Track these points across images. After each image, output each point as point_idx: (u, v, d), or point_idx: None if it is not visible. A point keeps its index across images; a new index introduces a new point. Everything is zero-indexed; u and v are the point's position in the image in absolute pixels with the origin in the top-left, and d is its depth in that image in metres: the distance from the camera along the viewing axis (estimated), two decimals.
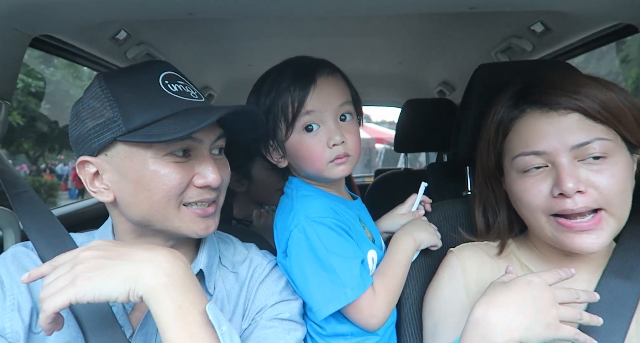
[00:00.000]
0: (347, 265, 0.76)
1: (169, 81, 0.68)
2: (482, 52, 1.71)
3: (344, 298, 0.75)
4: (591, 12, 1.02)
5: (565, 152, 0.66)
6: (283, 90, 0.79)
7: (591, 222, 0.65)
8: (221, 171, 0.70)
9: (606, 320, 0.67)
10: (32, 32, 0.95)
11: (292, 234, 0.79)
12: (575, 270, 0.73)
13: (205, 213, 0.68)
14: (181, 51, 1.77)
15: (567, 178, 0.64)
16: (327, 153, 0.79)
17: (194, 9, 0.94)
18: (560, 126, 0.67)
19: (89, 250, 0.58)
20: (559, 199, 0.65)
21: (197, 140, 0.67)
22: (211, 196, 0.69)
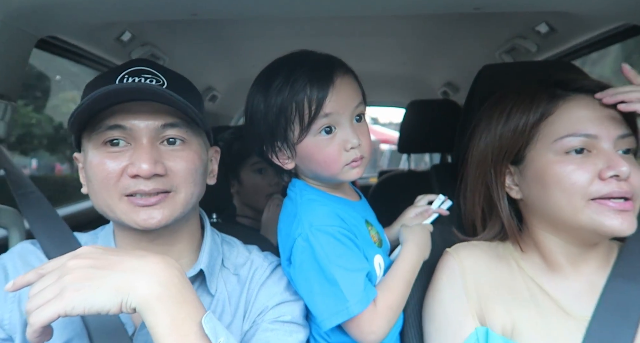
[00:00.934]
0: (351, 278, 0.74)
1: (130, 75, 0.68)
2: (487, 53, 1.71)
3: (346, 313, 0.72)
4: (596, 13, 1.01)
5: (612, 139, 0.68)
6: (299, 90, 0.74)
7: (628, 205, 0.66)
8: (172, 162, 0.66)
9: (614, 323, 0.66)
10: (38, 34, 0.96)
11: (296, 242, 0.76)
12: (577, 271, 0.74)
13: (146, 203, 0.65)
14: (185, 52, 1.78)
15: (621, 161, 0.66)
16: (343, 157, 0.76)
17: (198, 9, 0.94)
18: (609, 113, 0.70)
19: (77, 259, 0.55)
20: (606, 182, 0.66)
21: (128, 128, 0.65)
22: (147, 187, 0.64)
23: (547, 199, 0.71)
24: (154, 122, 0.66)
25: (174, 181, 0.67)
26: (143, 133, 0.66)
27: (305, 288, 0.76)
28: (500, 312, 0.72)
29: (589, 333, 0.67)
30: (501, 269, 0.77)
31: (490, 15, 1.33)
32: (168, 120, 0.67)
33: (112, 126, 0.65)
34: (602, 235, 0.69)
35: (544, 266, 0.76)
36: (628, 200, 0.67)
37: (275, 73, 0.78)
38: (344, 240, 0.76)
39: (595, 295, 0.71)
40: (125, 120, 0.65)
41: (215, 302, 0.72)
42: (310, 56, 0.79)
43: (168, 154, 0.67)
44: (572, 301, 0.71)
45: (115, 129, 0.65)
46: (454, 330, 0.73)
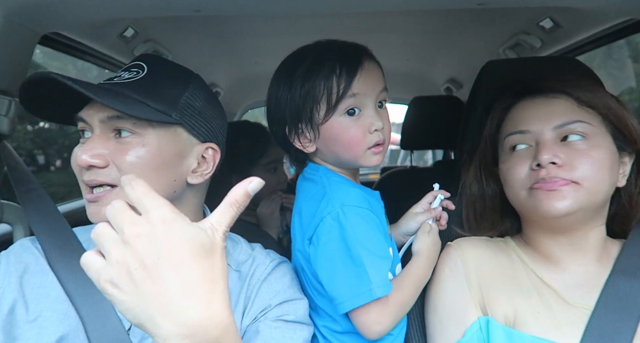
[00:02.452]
0: (377, 263, 0.74)
1: (125, 69, 0.70)
2: (490, 48, 1.70)
3: (369, 295, 0.71)
4: (601, 8, 1.00)
5: (549, 131, 0.72)
6: (329, 72, 0.75)
7: (558, 184, 0.69)
8: (115, 154, 0.65)
9: (615, 319, 0.67)
10: (41, 30, 0.96)
11: (324, 221, 0.75)
12: (574, 263, 0.75)
13: (90, 198, 0.66)
14: (188, 48, 1.78)
15: (543, 150, 0.70)
16: (367, 138, 0.77)
17: (201, 6, 0.94)
18: (547, 109, 0.74)
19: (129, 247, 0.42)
20: (535, 171, 0.71)
21: (86, 120, 0.67)
22: (87, 178, 0.65)
23: (508, 194, 0.78)
24: (103, 114, 0.66)
25: (112, 174, 0.65)
26: (95, 124, 0.67)
27: (327, 268, 0.75)
28: (502, 302, 0.73)
29: (591, 323, 0.67)
30: (502, 260, 0.78)
31: (493, 11, 1.33)
32: (111, 112, 0.66)
33: (78, 118, 0.68)
34: (547, 218, 0.71)
35: (542, 258, 0.77)
36: (556, 182, 0.69)
37: (302, 58, 0.79)
38: (373, 225, 0.77)
39: (596, 287, 0.71)
40: (84, 111, 0.68)
41: None
42: (337, 42, 0.82)
43: (114, 146, 0.66)
44: (572, 291, 0.72)
45: (80, 121, 0.68)
46: (456, 320, 0.74)
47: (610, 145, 0.72)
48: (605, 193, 0.71)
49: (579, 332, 0.67)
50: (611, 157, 0.72)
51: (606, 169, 0.70)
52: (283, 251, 0.86)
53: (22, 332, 0.65)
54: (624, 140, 0.73)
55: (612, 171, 0.71)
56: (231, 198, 0.47)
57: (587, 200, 0.69)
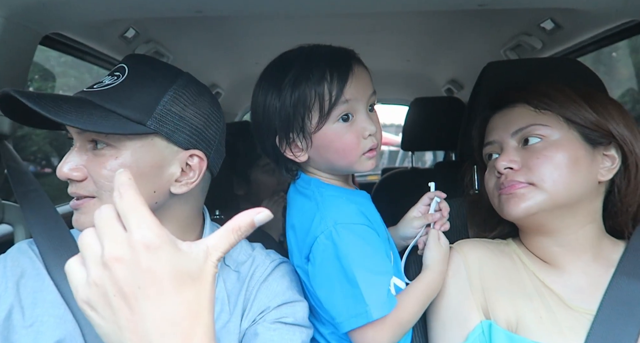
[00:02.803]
0: (374, 281, 0.72)
1: (109, 73, 0.69)
2: (491, 50, 1.70)
3: (365, 316, 0.70)
4: (602, 10, 1.00)
5: (508, 138, 0.76)
6: (319, 78, 0.73)
7: (515, 188, 0.72)
8: (90, 166, 0.65)
9: (618, 323, 0.66)
10: (42, 30, 0.96)
11: (317, 240, 0.73)
12: (574, 265, 0.74)
13: (74, 206, 0.67)
14: (189, 49, 1.78)
15: (501, 158, 0.75)
16: (362, 144, 0.75)
17: (202, 7, 0.94)
18: (506, 118, 0.78)
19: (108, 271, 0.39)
20: (498, 178, 0.76)
21: (70, 132, 0.67)
22: (70, 190, 0.66)
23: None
24: (71, 129, 0.66)
25: (90, 186, 0.65)
26: (75, 137, 0.67)
27: (325, 287, 0.74)
28: (504, 305, 0.72)
29: (593, 328, 0.67)
30: (505, 263, 0.77)
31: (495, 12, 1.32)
32: (73, 128, 0.66)
33: (66, 130, 0.67)
34: (513, 220, 0.76)
35: (542, 261, 0.77)
36: (512, 186, 0.72)
37: (289, 65, 0.76)
38: (370, 239, 0.75)
39: (597, 290, 0.71)
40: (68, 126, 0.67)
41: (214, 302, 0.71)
42: (323, 47, 0.79)
43: (90, 159, 0.66)
44: (574, 295, 0.72)
45: (68, 133, 0.68)
46: (459, 323, 0.74)
47: (576, 143, 0.72)
48: (572, 191, 0.71)
49: (581, 337, 0.67)
50: (575, 155, 0.71)
51: (566, 167, 0.70)
52: (284, 253, 0.85)
53: (19, 337, 0.64)
54: (595, 134, 0.73)
55: (577, 168, 0.71)
56: (235, 225, 0.43)
57: (548, 200, 0.70)
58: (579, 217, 0.74)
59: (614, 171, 0.74)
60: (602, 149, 0.74)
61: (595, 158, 0.73)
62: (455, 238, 0.85)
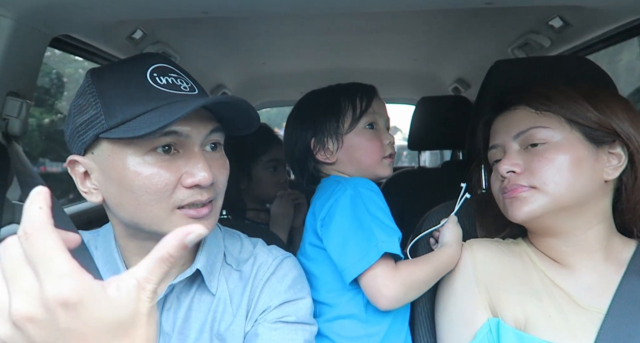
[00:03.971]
0: (386, 229, 0.80)
1: (159, 74, 0.63)
2: (499, 48, 1.69)
3: (376, 252, 0.75)
4: (612, 7, 0.99)
5: (510, 141, 0.77)
6: (351, 94, 0.93)
7: (517, 192, 0.73)
8: (216, 169, 0.64)
9: (628, 322, 0.65)
10: (52, 32, 0.97)
11: (337, 200, 0.84)
12: (583, 265, 0.74)
13: (199, 214, 0.62)
14: (196, 50, 1.79)
15: (503, 162, 0.75)
16: (384, 148, 0.93)
17: (209, 7, 0.95)
18: (507, 121, 0.79)
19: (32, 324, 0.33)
20: (501, 181, 0.76)
21: (183, 135, 0.61)
22: (203, 198, 0.62)
23: None
24: (204, 128, 0.63)
25: (217, 188, 0.65)
26: (195, 139, 0.62)
27: (338, 241, 0.81)
28: (512, 304, 0.72)
29: (604, 327, 0.66)
30: (514, 262, 0.77)
31: (502, 10, 1.31)
32: (215, 124, 0.64)
33: (169, 131, 0.59)
34: (519, 223, 0.76)
35: (552, 260, 0.77)
36: (514, 190, 0.73)
37: (319, 93, 0.99)
38: (385, 205, 0.85)
39: (608, 289, 0.70)
40: (181, 125, 0.60)
41: (217, 302, 0.70)
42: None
43: (213, 162, 0.64)
44: (584, 294, 0.71)
45: (170, 135, 0.60)
46: (466, 321, 0.74)
47: (578, 144, 0.72)
48: (577, 192, 0.70)
49: (591, 335, 0.66)
50: (577, 156, 0.71)
51: (568, 169, 0.70)
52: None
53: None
54: (599, 133, 0.72)
55: (580, 169, 0.70)
56: (164, 253, 0.38)
57: (551, 203, 0.70)
58: (587, 217, 0.73)
59: (620, 169, 0.73)
60: (607, 148, 0.73)
61: (600, 157, 0.72)
62: (464, 237, 0.85)
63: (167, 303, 0.69)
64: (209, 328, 0.69)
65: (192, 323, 0.69)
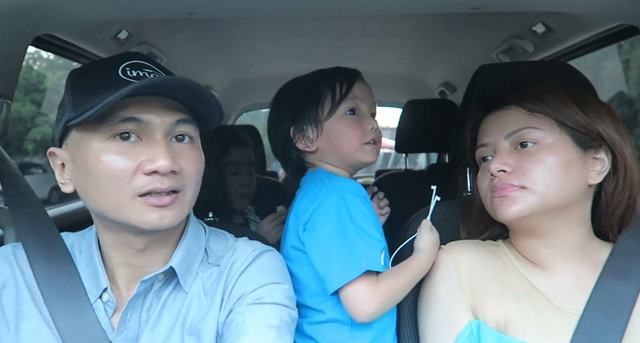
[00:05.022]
0: (369, 242, 0.79)
1: (132, 68, 0.64)
2: (484, 52, 1.71)
3: (358, 267, 0.75)
4: (593, 13, 1.01)
5: (502, 140, 0.76)
6: (331, 79, 0.89)
7: (508, 191, 0.72)
8: (183, 160, 0.63)
9: (603, 322, 0.67)
10: (34, 31, 0.95)
11: (321, 205, 0.81)
12: (561, 267, 0.75)
13: (160, 203, 0.61)
14: (183, 51, 1.77)
15: (494, 160, 0.75)
16: (366, 134, 0.89)
17: (195, 8, 0.94)
18: (500, 120, 0.78)
19: None
20: (492, 179, 0.75)
21: (143, 122, 0.61)
22: (164, 185, 0.61)
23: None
24: (169, 117, 0.63)
25: (184, 180, 0.64)
26: (158, 128, 0.62)
27: (321, 249, 0.79)
28: (493, 306, 0.73)
29: (579, 327, 0.68)
30: (495, 264, 0.78)
31: (487, 15, 1.34)
32: (182, 116, 0.64)
33: (127, 118, 0.61)
34: (505, 223, 0.76)
35: (532, 262, 0.78)
36: (505, 188, 0.72)
37: (301, 83, 0.93)
38: (370, 211, 0.84)
39: (584, 291, 0.72)
40: (141, 113, 0.61)
41: (190, 297, 0.70)
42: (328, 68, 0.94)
43: (179, 152, 0.64)
44: (562, 296, 0.73)
45: (129, 122, 0.61)
46: (448, 324, 0.74)
47: (568, 146, 0.73)
48: (564, 194, 0.72)
49: (568, 336, 0.68)
50: (567, 158, 0.72)
51: (558, 171, 0.71)
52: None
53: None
54: (587, 137, 0.73)
55: (569, 172, 0.72)
56: None
57: (540, 203, 0.71)
58: (569, 220, 0.74)
59: (603, 175, 0.74)
60: (593, 153, 0.74)
61: (586, 161, 0.74)
62: (448, 239, 0.85)
63: (146, 303, 0.69)
64: (181, 323, 0.68)
65: (164, 321, 0.68)
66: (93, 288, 0.68)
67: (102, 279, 0.68)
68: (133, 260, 0.69)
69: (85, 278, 0.69)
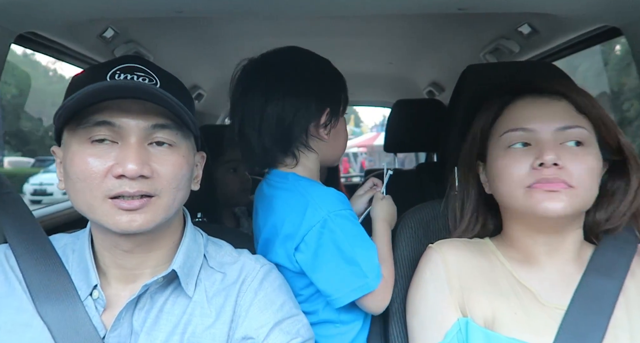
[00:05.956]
0: (369, 256, 0.83)
1: (122, 72, 0.65)
2: (471, 53, 1.73)
3: (367, 287, 0.81)
4: (576, 15, 1.03)
5: (550, 132, 0.73)
6: (343, 86, 0.94)
7: (559, 186, 0.70)
8: (159, 163, 0.64)
9: (587, 318, 0.69)
10: (16, 29, 0.93)
11: (313, 229, 0.83)
12: (551, 262, 0.76)
13: (129, 206, 0.62)
14: (170, 50, 1.76)
15: (548, 150, 0.70)
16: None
17: (183, 7, 0.93)
18: (549, 110, 0.75)
19: None
20: (537, 170, 0.71)
21: (116, 126, 0.62)
22: (132, 190, 0.61)
23: (498, 191, 0.77)
24: (144, 121, 0.63)
25: (158, 185, 0.63)
26: (132, 132, 0.63)
27: (322, 270, 0.83)
28: (481, 303, 0.74)
29: (564, 323, 0.69)
30: (482, 262, 0.79)
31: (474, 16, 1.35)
32: (159, 121, 0.64)
33: (100, 121, 0.62)
34: (541, 217, 0.72)
35: (521, 258, 0.79)
36: (557, 183, 0.70)
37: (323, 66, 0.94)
38: (356, 221, 0.87)
39: (569, 287, 0.73)
40: (115, 117, 0.62)
41: (193, 305, 0.69)
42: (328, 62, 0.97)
43: (156, 157, 0.64)
44: (548, 292, 0.74)
45: (103, 126, 0.62)
46: (437, 322, 0.75)
47: (599, 153, 0.74)
48: (592, 200, 0.73)
49: (553, 331, 0.69)
50: (599, 165, 0.74)
51: (595, 176, 0.72)
52: None
53: None
54: (607, 150, 0.75)
55: (598, 178, 0.73)
56: None
57: (579, 205, 0.71)
58: (579, 222, 0.77)
59: None
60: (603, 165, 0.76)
61: (602, 171, 0.76)
62: (436, 238, 0.86)
63: (140, 303, 0.68)
64: (181, 331, 0.68)
65: (162, 326, 0.68)
66: (84, 286, 0.68)
67: (93, 276, 0.68)
68: (122, 261, 0.69)
69: (76, 276, 0.69)
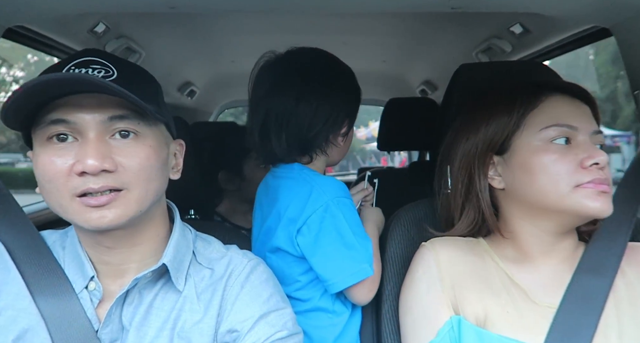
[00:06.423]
0: (366, 244, 0.87)
1: (77, 66, 0.63)
2: (464, 52, 1.74)
3: (363, 273, 0.85)
4: (567, 15, 1.04)
5: (588, 133, 0.75)
6: (360, 97, 1.01)
7: (608, 188, 0.72)
8: (123, 156, 0.62)
9: (578, 316, 0.70)
10: (5, 23, 0.92)
11: (316, 212, 0.86)
12: (546, 261, 0.77)
13: (97, 203, 0.60)
14: (162, 46, 1.74)
15: (599, 151, 0.72)
16: None
17: (176, 2, 0.92)
18: (584, 111, 0.78)
19: None
20: (588, 170, 0.71)
21: (71, 122, 0.60)
22: (96, 185, 0.60)
23: (531, 185, 0.75)
24: (100, 115, 0.61)
25: (124, 177, 0.62)
26: (89, 127, 0.61)
27: (321, 254, 0.86)
28: (473, 301, 0.74)
29: (555, 321, 0.70)
30: (475, 261, 0.79)
31: (467, 15, 1.36)
32: (116, 112, 0.62)
33: (54, 120, 0.60)
34: (585, 218, 0.73)
35: (515, 257, 0.79)
36: (607, 185, 0.72)
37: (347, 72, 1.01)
38: (355, 211, 0.91)
39: (561, 285, 0.74)
40: (69, 114, 0.60)
41: (182, 300, 0.69)
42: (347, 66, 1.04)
43: (119, 149, 0.62)
44: (540, 290, 0.75)
45: (58, 124, 0.60)
46: (429, 320, 0.75)
47: None
48: None
49: (544, 330, 0.70)
50: None
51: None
52: None
53: None
54: None
55: None
56: None
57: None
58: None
59: None
60: None
61: None
62: (428, 236, 0.87)
63: (128, 298, 0.68)
64: (171, 326, 0.67)
65: (152, 321, 0.67)
66: (79, 279, 0.68)
67: (88, 268, 0.68)
68: (107, 257, 0.68)
69: (70, 270, 0.69)
